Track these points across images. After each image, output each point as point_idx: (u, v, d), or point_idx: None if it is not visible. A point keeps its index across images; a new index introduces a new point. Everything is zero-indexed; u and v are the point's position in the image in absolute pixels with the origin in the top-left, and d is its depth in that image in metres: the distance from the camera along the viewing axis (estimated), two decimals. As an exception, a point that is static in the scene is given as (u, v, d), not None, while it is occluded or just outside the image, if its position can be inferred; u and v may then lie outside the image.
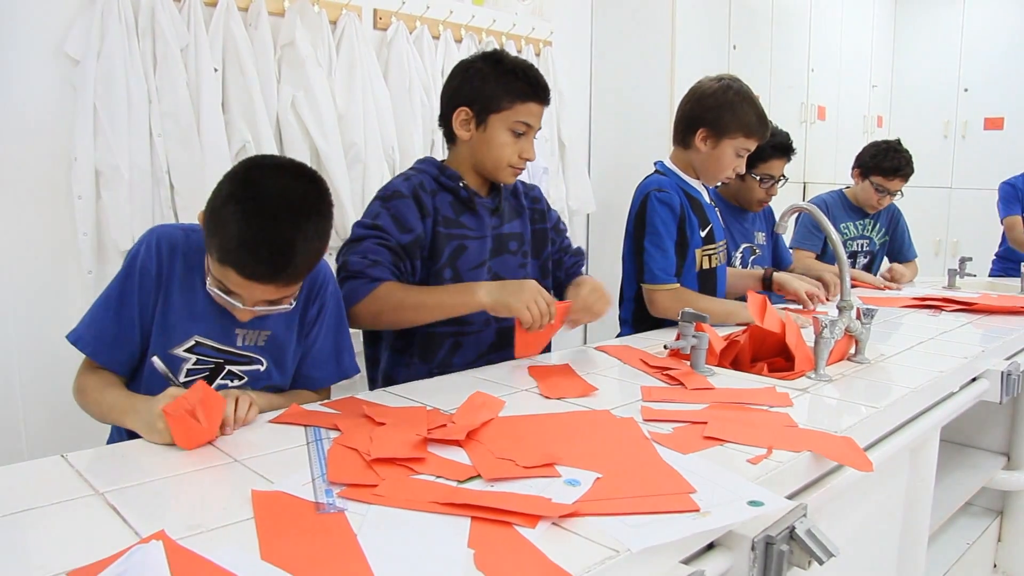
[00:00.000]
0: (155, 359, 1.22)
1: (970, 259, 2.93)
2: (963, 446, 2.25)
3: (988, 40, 5.01)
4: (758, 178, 2.48)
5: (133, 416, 1.13)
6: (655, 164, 2.12)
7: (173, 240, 1.29)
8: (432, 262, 1.61)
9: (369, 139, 2.53)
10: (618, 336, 2.08)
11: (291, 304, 1.27)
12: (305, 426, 1.16)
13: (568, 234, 1.92)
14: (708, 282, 2.07)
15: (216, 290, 1.21)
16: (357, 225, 1.60)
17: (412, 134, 2.65)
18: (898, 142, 2.93)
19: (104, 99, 1.99)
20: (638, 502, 0.88)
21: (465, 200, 1.65)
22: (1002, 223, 3.70)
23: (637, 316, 2.06)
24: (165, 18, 2.09)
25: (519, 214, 1.78)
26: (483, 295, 1.49)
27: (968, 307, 2.27)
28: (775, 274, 2.21)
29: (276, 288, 1.19)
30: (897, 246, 3.09)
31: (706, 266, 2.07)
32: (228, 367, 1.34)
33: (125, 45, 2.02)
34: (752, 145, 2.01)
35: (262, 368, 1.36)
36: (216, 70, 2.21)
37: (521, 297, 1.47)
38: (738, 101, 1.97)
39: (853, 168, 3.03)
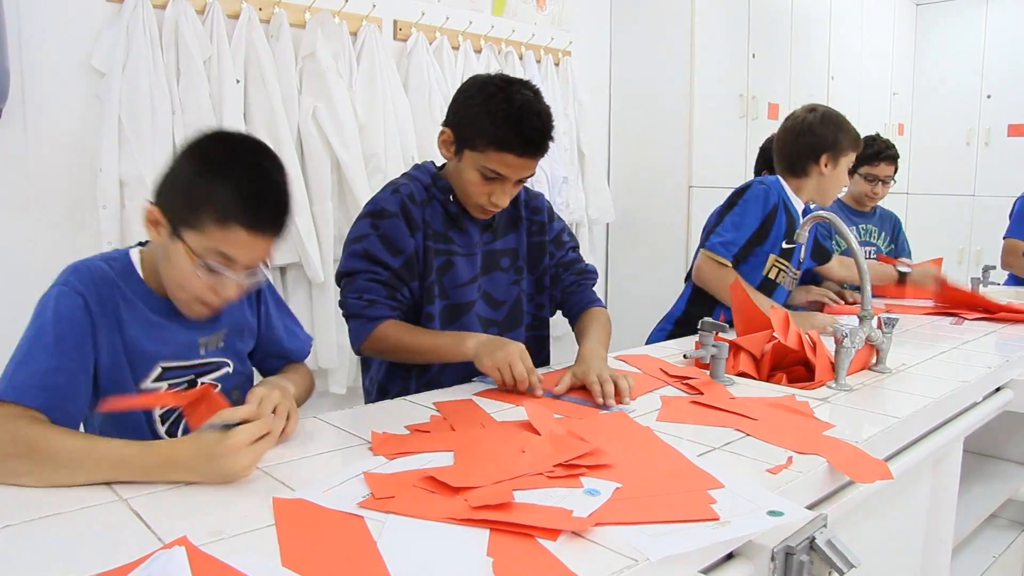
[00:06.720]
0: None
1: (993, 267, 2.90)
2: (987, 457, 2.22)
3: (1011, 46, 4.95)
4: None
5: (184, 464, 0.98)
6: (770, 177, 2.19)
7: (103, 273, 1.15)
8: (424, 276, 1.55)
9: (389, 149, 2.55)
10: (657, 327, 2.17)
11: (268, 266, 1.21)
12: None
13: (580, 249, 1.79)
14: (765, 293, 2.07)
15: (211, 263, 1.10)
16: (348, 252, 1.52)
17: (432, 144, 2.66)
18: (876, 134, 2.98)
19: (129, 111, 2.02)
20: (658, 511, 0.88)
21: (453, 215, 1.57)
22: (1003, 239, 3.23)
23: (681, 318, 2.10)
24: (188, 31, 2.12)
25: (516, 227, 1.68)
26: (471, 346, 1.43)
27: (991, 315, 2.25)
28: None
29: (275, 239, 1.15)
30: (897, 252, 3.10)
31: (772, 276, 2.09)
32: (200, 380, 1.25)
33: (149, 58, 2.05)
34: (854, 158, 2.17)
35: (230, 370, 1.29)
36: (238, 81, 2.24)
37: (495, 355, 1.38)
38: (842, 122, 2.12)
39: None
